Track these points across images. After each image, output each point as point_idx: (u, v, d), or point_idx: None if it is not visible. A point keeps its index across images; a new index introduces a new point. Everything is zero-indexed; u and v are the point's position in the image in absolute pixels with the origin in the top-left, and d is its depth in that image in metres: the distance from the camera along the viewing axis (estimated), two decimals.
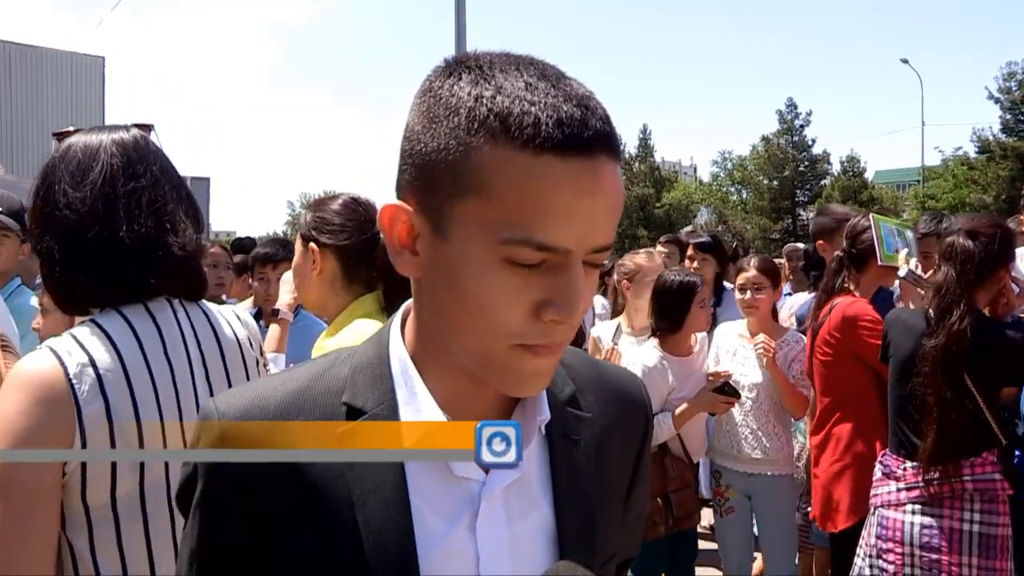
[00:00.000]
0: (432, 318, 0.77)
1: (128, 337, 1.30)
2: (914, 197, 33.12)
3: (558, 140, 0.68)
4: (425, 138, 0.72)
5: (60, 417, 1.19)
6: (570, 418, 0.85)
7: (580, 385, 0.88)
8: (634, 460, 0.93)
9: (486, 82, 0.71)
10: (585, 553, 0.82)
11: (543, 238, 0.68)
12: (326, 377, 0.81)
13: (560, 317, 0.71)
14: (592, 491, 0.85)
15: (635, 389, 0.96)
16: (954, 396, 2.45)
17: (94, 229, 1.32)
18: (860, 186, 33.38)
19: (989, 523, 2.45)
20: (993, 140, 29.27)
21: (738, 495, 3.44)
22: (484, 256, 0.70)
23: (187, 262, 1.39)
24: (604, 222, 0.71)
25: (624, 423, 0.91)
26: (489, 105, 0.69)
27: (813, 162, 34.52)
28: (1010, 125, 29.19)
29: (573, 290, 0.70)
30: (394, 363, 0.81)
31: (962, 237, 2.53)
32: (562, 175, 0.68)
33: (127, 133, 1.41)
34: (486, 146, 0.69)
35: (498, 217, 0.69)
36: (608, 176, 0.71)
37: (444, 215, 0.72)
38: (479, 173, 0.69)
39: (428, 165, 0.72)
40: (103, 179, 1.34)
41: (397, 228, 0.75)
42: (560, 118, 0.68)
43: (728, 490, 3.46)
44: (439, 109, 0.72)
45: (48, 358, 1.22)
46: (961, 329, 2.45)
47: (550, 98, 0.69)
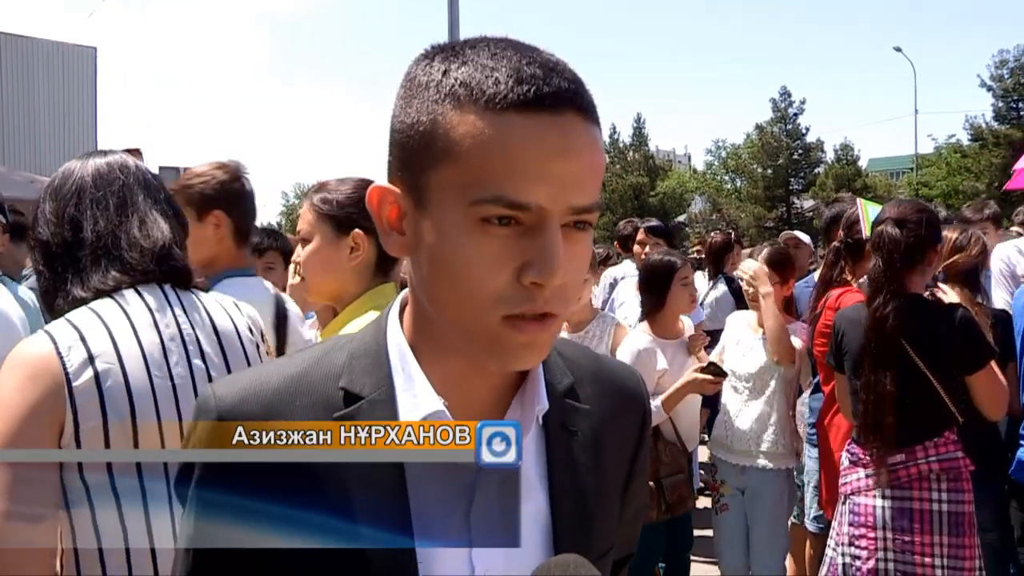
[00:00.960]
0: (423, 296, 0.78)
1: (120, 317, 1.40)
2: (908, 185, 33.19)
3: (518, 96, 0.69)
4: (402, 118, 0.75)
5: (51, 391, 1.28)
6: (568, 409, 0.85)
7: (578, 377, 0.88)
8: (631, 455, 0.93)
9: (455, 58, 0.74)
10: (580, 544, 0.82)
11: (513, 195, 0.69)
12: (323, 362, 0.81)
13: (540, 279, 0.70)
14: (588, 483, 0.85)
15: (633, 383, 0.96)
16: (883, 382, 2.54)
17: (59, 235, 1.47)
18: (854, 174, 33.39)
19: (956, 501, 2.51)
20: (986, 128, 29.31)
21: (732, 491, 3.45)
22: (458, 221, 0.71)
23: (162, 252, 1.49)
24: (579, 180, 0.71)
25: (622, 417, 0.92)
26: (455, 75, 0.72)
27: (807, 150, 34.52)
28: (1002, 113, 29.22)
29: (551, 250, 0.70)
30: (392, 349, 0.81)
31: (889, 226, 2.64)
32: (526, 131, 0.69)
33: (104, 157, 1.55)
34: (452, 112, 0.71)
35: (468, 179, 0.70)
36: (579, 134, 0.71)
37: (421, 188, 0.74)
38: (446, 139, 0.71)
39: (404, 142, 0.75)
40: (72, 192, 1.50)
41: (385, 209, 0.78)
42: (520, 77, 0.70)
43: (723, 486, 3.48)
44: (413, 89, 0.75)
45: (42, 338, 1.33)
46: (884, 314, 2.57)
47: (513, 62, 0.71)
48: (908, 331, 2.54)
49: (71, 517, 1.30)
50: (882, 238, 2.63)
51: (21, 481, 1.23)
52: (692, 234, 27.62)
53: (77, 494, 1.29)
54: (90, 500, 1.29)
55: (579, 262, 0.75)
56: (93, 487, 1.30)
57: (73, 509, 1.29)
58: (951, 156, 30.31)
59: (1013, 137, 27.79)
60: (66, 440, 1.28)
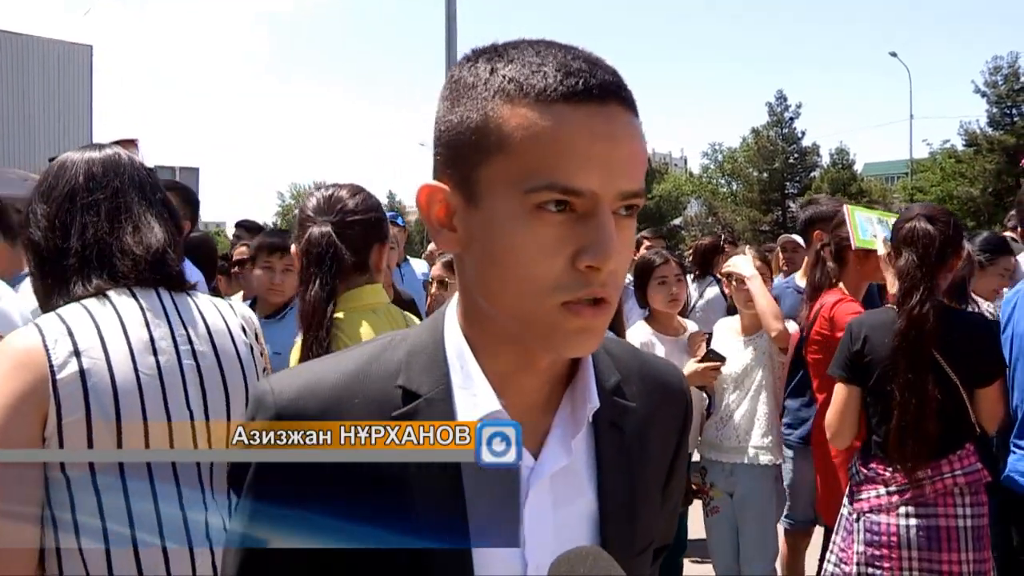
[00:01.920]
0: (477, 291, 0.79)
1: (110, 314, 1.40)
2: (902, 189, 33.25)
3: (568, 88, 0.72)
4: (449, 118, 0.77)
5: (35, 381, 1.29)
6: (616, 407, 0.86)
7: (625, 374, 0.90)
8: (673, 450, 0.95)
9: (499, 58, 0.76)
10: (626, 541, 0.84)
11: (566, 181, 0.71)
12: (381, 360, 0.82)
13: (595, 261, 0.72)
14: (635, 480, 0.86)
15: (676, 380, 0.98)
16: (925, 385, 2.41)
17: (51, 239, 1.46)
18: (849, 178, 33.50)
19: (978, 515, 2.45)
20: (980, 133, 29.40)
21: (722, 493, 3.46)
22: (513, 211, 0.73)
23: (156, 258, 1.48)
24: (626, 166, 0.74)
25: (664, 413, 0.93)
26: (503, 73, 0.75)
27: (803, 154, 34.61)
28: (996, 119, 29.32)
29: (604, 233, 0.72)
30: (449, 347, 0.82)
31: (921, 222, 2.54)
32: (575, 120, 0.72)
33: (99, 152, 1.53)
34: (503, 107, 0.73)
35: (521, 169, 0.72)
36: (624, 123, 0.74)
37: (472, 183, 0.75)
38: (498, 132, 0.73)
39: (453, 140, 0.77)
40: (64, 195, 1.48)
41: (435, 207, 0.79)
42: (568, 70, 0.73)
43: (712, 488, 3.48)
44: (459, 89, 0.77)
45: (30, 330, 1.35)
46: (923, 313, 2.42)
47: (559, 58, 0.75)
48: (938, 335, 2.43)
49: (53, 515, 1.30)
50: (915, 233, 2.52)
51: (4, 477, 1.23)
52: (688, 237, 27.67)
53: (58, 488, 1.29)
54: (71, 495, 1.29)
55: (628, 247, 0.77)
56: (74, 481, 1.29)
57: (55, 506, 1.29)
58: (946, 161, 30.40)
59: (1007, 143, 27.90)
60: (49, 432, 1.28)
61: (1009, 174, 27.00)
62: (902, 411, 2.43)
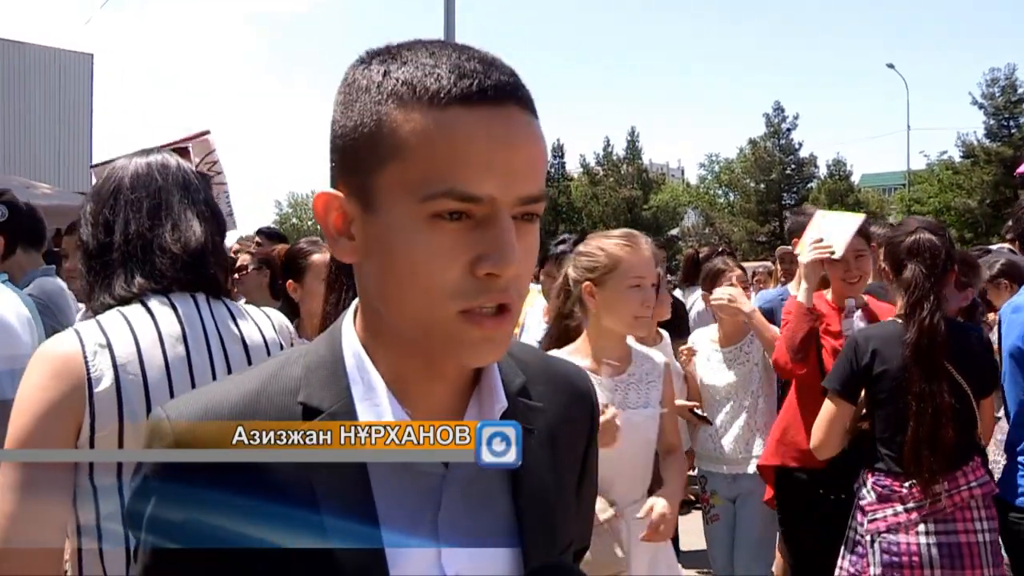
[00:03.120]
0: (376, 299, 0.77)
1: (148, 325, 1.40)
2: (900, 201, 33.30)
3: (462, 91, 0.70)
4: (343, 121, 0.76)
5: (72, 391, 1.29)
6: (523, 408, 0.85)
7: (530, 376, 0.88)
8: (583, 450, 0.94)
9: (393, 59, 0.75)
10: (546, 542, 0.83)
11: (463, 188, 0.70)
12: (280, 377, 0.80)
13: (495, 269, 0.71)
14: (549, 481, 0.85)
15: (581, 381, 0.97)
16: (941, 395, 2.37)
17: (96, 236, 1.48)
18: (846, 189, 33.51)
19: (993, 529, 2.42)
20: (977, 145, 29.46)
21: (723, 500, 3.45)
22: (410, 218, 0.71)
23: (194, 258, 1.48)
24: (526, 170, 0.72)
25: (572, 414, 0.92)
26: (396, 75, 0.73)
27: (800, 165, 34.62)
28: (993, 130, 29.39)
29: (504, 240, 0.71)
30: (348, 358, 0.80)
31: (924, 233, 2.53)
32: (471, 124, 0.70)
33: (147, 155, 1.55)
34: (396, 111, 0.72)
35: (417, 176, 0.70)
36: (521, 125, 0.73)
37: (369, 190, 0.73)
38: (392, 138, 0.71)
39: (348, 146, 0.75)
40: (109, 193, 1.51)
41: (331, 215, 0.77)
42: (462, 72, 0.71)
43: (713, 496, 3.48)
44: (353, 93, 0.75)
45: (70, 338, 1.35)
46: (935, 323, 2.40)
47: (452, 59, 0.73)
48: (947, 345, 2.42)
49: (78, 520, 1.31)
50: (920, 244, 2.51)
51: (35, 480, 1.24)
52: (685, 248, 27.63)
53: (85, 495, 1.30)
54: (96, 502, 1.30)
55: (530, 253, 0.76)
56: (101, 490, 1.30)
57: (80, 510, 1.31)
58: (943, 173, 30.45)
59: (1004, 154, 27.94)
60: (82, 441, 1.29)
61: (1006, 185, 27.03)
62: (918, 421, 2.38)
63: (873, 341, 2.51)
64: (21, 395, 1.29)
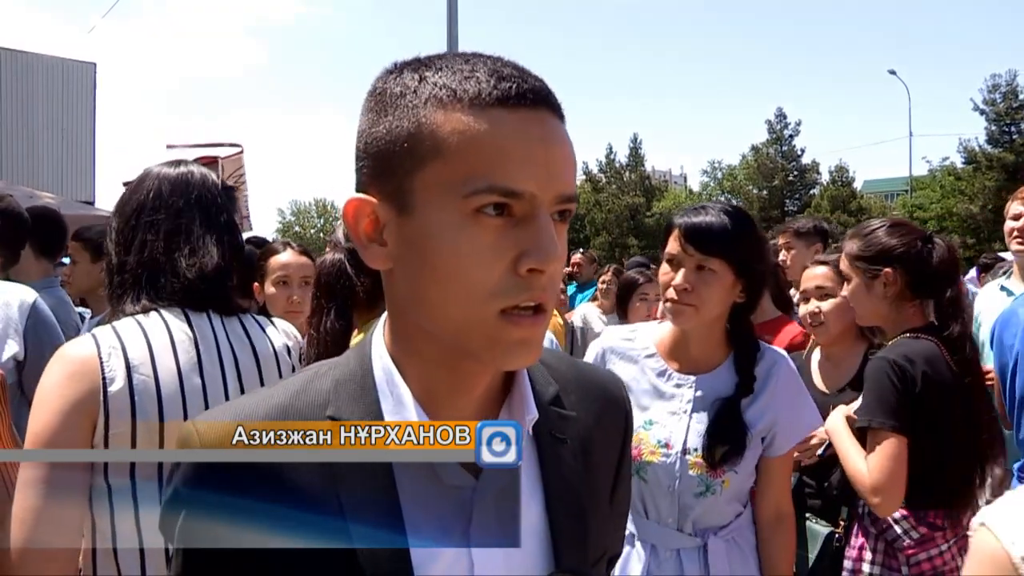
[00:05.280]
0: (411, 306, 0.77)
1: (161, 333, 1.44)
2: (902, 207, 33.29)
3: (502, 93, 0.73)
4: (376, 129, 0.76)
5: (88, 391, 1.34)
6: (555, 417, 0.85)
7: (563, 384, 0.88)
8: (617, 458, 0.94)
9: (427, 68, 0.76)
10: (579, 551, 0.82)
11: (505, 183, 0.71)
12: (309, 391, 0.80)
13: (539, 264, 0.72)
14: (582, 490, 0.85)
15: (615, 388, 0.97)
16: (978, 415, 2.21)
17: (118, 253, 1.52)
18: (849, 196, 33.53)
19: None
20: (979, 151, 29.46)
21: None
22: (452, 216, 0.72)
23: (209, 282, 1.51)
24: (563, 170, 0.75)
25: (606, 421, 0.92)
26: (433, 80, 0.74)
27: (802, 172, 34.67)
28: (995, 136, 29.39)
29: (546, 236, 0.72)
30: (377, 372, 0.80)
31: (924, 242, 2.28)
32: (512, 124, 0.72)
33: (174, 169, 1.56)
34: (436, 113, 0.73)
35: (459, 174, 0.72)
36: (556, 128, 0.75)
37: (405, 191, 0.74)
38: (433, 138, 0.73)
39: (383, 151, 0.75)
40: (132, 211, 1.53)
41: (363, 222, 0.77)
42: (501, 76, 0.74)
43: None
44: (386, 100, 0.76)
45: (87, 341, 1.40)
46: (965, 333, 2.21)
47: (489, 65, 0.75)
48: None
49: (92, 517, 1.35)
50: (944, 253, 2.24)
51: (55, 478, 1.27)
52: None
53: (100, 495, 1.34)
54: (111, 502, 1.34)
55: (563, 254, 0.77)
56: (116, 490, 1.34)
57: (95, 510, 1.34)
58: (945, 179, 30.47)
59: (1006, 160, 27.96)
60: (96, 440, 1.33)
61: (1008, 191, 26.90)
62: (968, 446, 2.16)
63: (920, 364, 2.11)
64: (40, 395, 1.34)
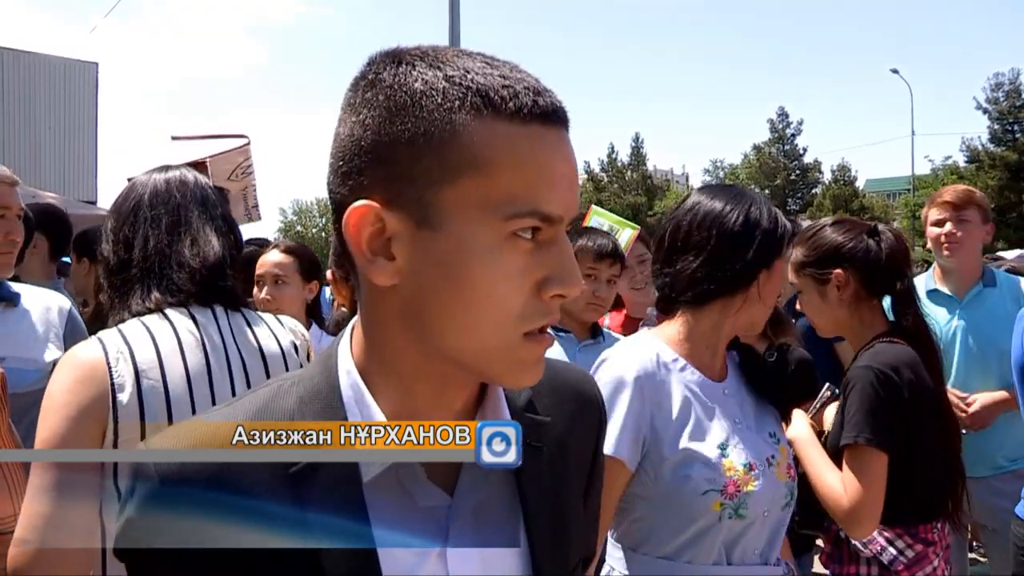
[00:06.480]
0: (417, 325, 0.71)
1: (168, 333, 1.44)
2: (904, 206, 33.27)
3: (541, 109, 0.68)
4: (391, 129, 0.68)
5: (98, 396, 1.34)
6: (531, 425, 0.81)
7: (536, 389, 0.84)
8: (590, 458, 0.92)
9: (445, 66, 0.69)
10: (558, 559, 0.81)
11: (547, 208, 0.68)
12: (271, 410, 0.75)
13: (565, 290, 0.70)
14: (559, 496, 0.83)
15: (588, 387, 0.94)
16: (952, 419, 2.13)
17: (117, 252, 1.52)
18: (851, 195, 33.52)
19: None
20: (982, 150, 29.46)
21: None
22: (489, 238, 0.67)
23: (212, 272, 1.51)
24: (576, 191, 0.72)
25: (580, 422, 0.90)
26: (465, 83, 0.68)
27: (804, 171, 34.68)
28: (998, 135, 29.39)
29: (571, 260, 0.70)
30: (344, 389, 0.75)
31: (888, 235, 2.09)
32: (549, 143, 0.69)
33: (167, 172, 1.59)
34: (473, 122, 0.67)
35: (501, 194, 0.67)
36: (571, 146, 0.72)
37: (431, 205, 0.68)
38: (471, 150, 0.67)
39: (399, 155, 0.68)
40: (129, 210, 1.54)
41: (367, 232, 0.70)
42: (535, 90, 0.69)
43: None
44: (402, 97, 0.68)
45: (94, 345, 1.39)
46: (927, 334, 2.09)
47: (516, 74, 0.70)
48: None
49: (102, 522, 1.34)
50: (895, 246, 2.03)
51: (67, 481, 1.26)
52: None
53: (109, 498, 1.33)
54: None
55: None
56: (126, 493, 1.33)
57: (105, 513, 1.34)
58: (948, 177, 30.41)
59: (1009, 159, 27.95)
60: (106, 445, 1.33)
61: (1011, 190, 27.00)
62: (950, 450, 2.05)
63: (905, 371, 1.93)
64: (48, 400, 1.33)
